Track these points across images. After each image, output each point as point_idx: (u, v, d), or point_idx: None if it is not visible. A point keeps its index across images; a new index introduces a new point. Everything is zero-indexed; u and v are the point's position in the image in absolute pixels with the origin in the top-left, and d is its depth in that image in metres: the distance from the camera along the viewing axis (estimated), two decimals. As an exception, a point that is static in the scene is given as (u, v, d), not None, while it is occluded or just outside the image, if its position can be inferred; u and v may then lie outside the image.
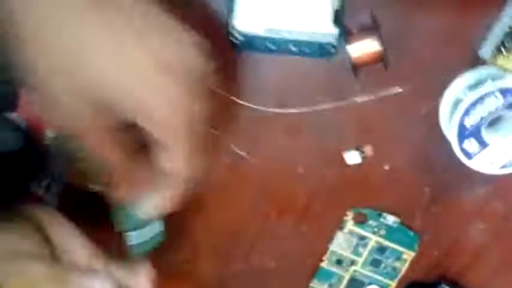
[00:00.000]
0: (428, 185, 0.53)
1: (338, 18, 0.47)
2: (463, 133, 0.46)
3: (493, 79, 0.46)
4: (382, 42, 0.45)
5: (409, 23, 0.47)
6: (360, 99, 0.49)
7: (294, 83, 0.50)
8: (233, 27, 0.48)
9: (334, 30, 0.47)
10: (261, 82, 0.50)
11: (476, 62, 0.47)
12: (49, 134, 1.01)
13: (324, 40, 0.48)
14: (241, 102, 0.49)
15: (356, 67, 0.46)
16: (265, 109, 0.50)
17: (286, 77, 0.50)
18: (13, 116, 0.87)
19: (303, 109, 0.50)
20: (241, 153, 0.52)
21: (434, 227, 0.54)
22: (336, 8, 0.46)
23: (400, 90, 0.49)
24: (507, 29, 0.45)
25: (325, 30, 0.47)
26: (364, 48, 0.45)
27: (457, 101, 0.48)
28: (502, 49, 0.46)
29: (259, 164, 0.53)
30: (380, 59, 0.46)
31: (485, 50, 0.46)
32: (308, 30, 0.47)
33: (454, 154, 0.48)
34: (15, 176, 0.65)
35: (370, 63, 0.46)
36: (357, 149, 0.51)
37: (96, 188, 0.54)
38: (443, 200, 0.53)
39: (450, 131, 0.47)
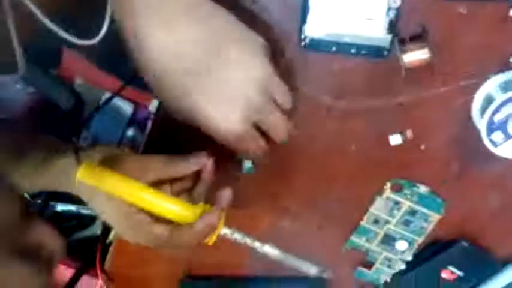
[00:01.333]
0: (456, 162, 0.63)
1: (392, 26, 0.55)
2: (491, 127, 0.56)
3: (520, 81, 0.56)
4: (431, 50, 0.54)
5: (452, 32, 0.55)
6: (405, 92, 0.58)
7: (350, 78, 0.59)
8: (303, 32, 0.56)
9: (389, 37, 0.56)
10: (323, 77, 0.59)
11: (507, 66, 0.56)
12: (78, 81, 1.07)
13: (380, 44, 0.56)
14: (308, 94, 0.59)
15: (407, 70, 0.55)
16: (326, 98, 0.59)
17: (343, 72, 0.58)
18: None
19: (356, 98, 0.59)
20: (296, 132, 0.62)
21: (458, 195, 0.65)
22: (391, 17, 0.55)
23: (439, 87, 0.58)
24: (535, 42, 0.54)
25: (381, 36, 0.56)
26: (416, 56, 0.54)
27: (488, 97, 0.57)
28: (531, 58, 0.55)
29: (317, 142, 0.63)
30: (428, 64, 0.55)
31: (516, 58, 0.55)
32: (367, 35, 0.56)
33: (480, 139, 0.58)
34: (62, 130, 0.74)
35: (419, 67, 0.55)
36: (400, 132, 0.61)
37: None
38: (467, 174, 0.63)
39: (480, 123, 0.57)
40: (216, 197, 0.56)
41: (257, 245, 0.57)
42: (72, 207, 1.06)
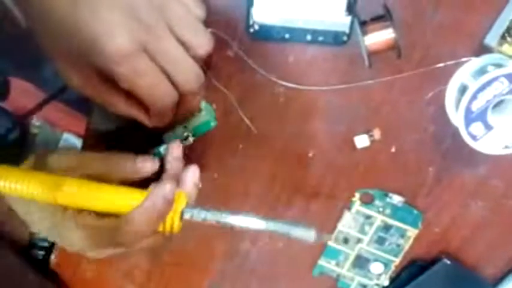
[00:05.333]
0: (432, 166, 0.55)
1: (351, 8, 0.49)
2: (469, 117, 0.49)
3: (496, 66, 0.49)
4: (395, 31, 0.48)
5: (418, 13, 0.49)
6: (369, 82, 0.51)
7: (307, 70, 0.52)
8: (251, 18, 0.49)
9: (348, 20, 0.49)
10: (276, 69, 0.52)
11: (480, 50, 0.50)
12: (35, 123, 1.00)
13: (338, 29, 0.50)
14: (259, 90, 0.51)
15: (370, 55, 0.48)
16: (280, 94, 0.52)
17: (299, 63, 0.52)
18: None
19: (315, 88, 0.52)
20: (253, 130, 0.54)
21: (437, 205, 0.57)
22: (349, -3, 0.48)
23: (407, 74, 0.51)
24: (512, 18, 0.48)
25: (339, 19, 0.49)
26: (379, 37, 0.47)
27: (463, 86, 0.51)
28: (507, 37, 0.48)
29: (271, 148, 0.55)
30: (393, 47, 0.48)
31: (491, 37, 0.49)
32: (322, 19, 0.49)
33: (457, 136, 0.51)
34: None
35: (383, 51, 0.48)
36: (367, 132, 0.54)
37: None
38: (446, 179, 0.56)
39: (456, 115, 0.50)
40: (180, 179, 0.47)
41: (234, 218, 0.45)
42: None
